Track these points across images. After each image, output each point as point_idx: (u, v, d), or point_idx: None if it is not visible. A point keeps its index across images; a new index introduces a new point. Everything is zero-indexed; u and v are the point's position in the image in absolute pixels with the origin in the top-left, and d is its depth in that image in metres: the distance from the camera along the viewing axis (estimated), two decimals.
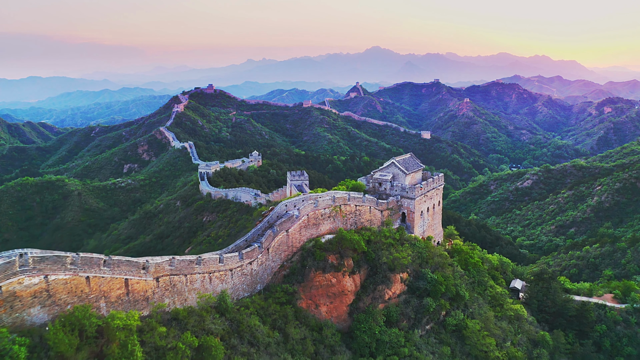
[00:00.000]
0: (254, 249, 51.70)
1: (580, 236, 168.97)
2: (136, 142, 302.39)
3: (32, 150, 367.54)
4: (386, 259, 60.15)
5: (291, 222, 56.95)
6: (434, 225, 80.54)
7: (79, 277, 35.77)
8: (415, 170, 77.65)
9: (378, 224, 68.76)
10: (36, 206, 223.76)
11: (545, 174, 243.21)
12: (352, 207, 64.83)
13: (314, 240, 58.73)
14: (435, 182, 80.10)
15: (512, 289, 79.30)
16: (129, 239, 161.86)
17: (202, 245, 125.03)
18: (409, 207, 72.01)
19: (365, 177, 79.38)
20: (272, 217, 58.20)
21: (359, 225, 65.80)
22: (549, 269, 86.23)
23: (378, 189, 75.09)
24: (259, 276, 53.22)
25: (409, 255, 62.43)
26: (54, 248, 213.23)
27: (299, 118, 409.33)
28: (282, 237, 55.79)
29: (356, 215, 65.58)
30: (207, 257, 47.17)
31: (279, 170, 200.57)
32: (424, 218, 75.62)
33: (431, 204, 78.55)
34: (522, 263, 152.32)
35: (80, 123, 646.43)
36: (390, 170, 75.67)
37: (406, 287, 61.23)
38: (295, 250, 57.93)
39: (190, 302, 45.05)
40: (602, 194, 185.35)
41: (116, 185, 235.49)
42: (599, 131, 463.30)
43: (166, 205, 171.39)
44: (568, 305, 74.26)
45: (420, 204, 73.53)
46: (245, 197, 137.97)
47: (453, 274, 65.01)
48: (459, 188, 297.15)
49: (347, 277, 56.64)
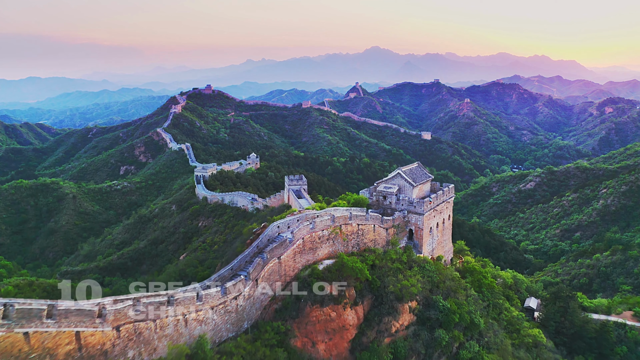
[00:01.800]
0: (239, 281, 44.44)
1: (587, 240, 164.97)
2: (133, 144, 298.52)
3: (28, 152, 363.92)
4: (393, 287, 53.79)
5: (284, 248, 49.86)
6: (444, 242, 73.96)
7: (15, 335, 29.35)
8: (424, 182, 71.40)
9: (383, 243, 61.95)
10: (30, 209, 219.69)
11: (549, 176, 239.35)
12: (353, 227, 57.82)
13: (311, 267, 51.97)
14: (446, 195, 72.84)
15: (526, 308, 74.35)
16: (123, 244, 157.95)
17: (197, 252, 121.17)
18: (416, 224, 65.21)
19: (367, 189, 72.04)
20: (262, 241, 50.96)
21: (361, 247, 59.00)
22: (565, 286, 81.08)
23: (382, 202, 68.04)
24: (245, 312, 45.84)
25: (418, 282, 56.15)
26: (47, 252, 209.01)
27: (298, 119, 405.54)
28: (274, 265, 48.79)
29: (358, 235, 58.66)
30: (182, 296, 39.70)
31: (277, 172, 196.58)
32: (433, 235, 69.12)
33: (441, 218, 71.70)
34: (527, 269, 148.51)
35: (79, 124, 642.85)
36: (396, 182, 69.05)
37: (415, 318, 55.00)
38: (288, 279, 50.84)
39: (160, 351, 37.51)
40: (608, 197, 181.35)
41: (112, 188, 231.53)
42: (600, 131, 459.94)
43: (161, 209, 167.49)
44: (587, 327, 69.60)
45: (430, 220, 66.91)
46: (242, 201, 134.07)
47: (467, 300, 59.41)
48: (460, 190, 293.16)
49: (348, 309, 50.35)
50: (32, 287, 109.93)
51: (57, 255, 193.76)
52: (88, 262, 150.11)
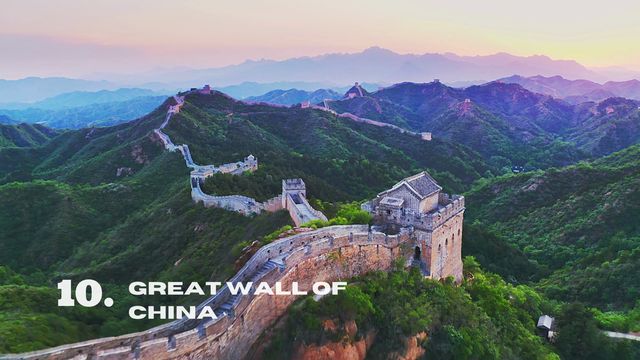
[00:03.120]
0: (221, 320, 38.12)
1: (592, 245, 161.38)
2: (130, 145, 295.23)
3: (25, 153, 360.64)
4: (400, 319, 47.95)
5: (274, 277, 43.27)
6: (453, 260, 67.84)
7: None
8: (431, 194, 64.81)
9: (387, 265, 56.32)
10: (25, 212, 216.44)
11: (551, 178, 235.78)
12: (354, 249, 51.74)
13: (305, 299, 45.57)
14: (455, 208, 66.38)
15: (540, 327, 69.93)
16: (117, 249, 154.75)
17: (193, 258, 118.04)
18: (424, 241, 59.12)
19: (370, 202, 65.83)
20: (249, 269, 44.39)
21: (363, 270, 53.07)
22: (581, 304, 76.68)
23: (386, 217, 61.88)
24: (229, 354, 39.41)
25: (428, 313, 50.12)
26: (42, 256, 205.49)
27: (297, 119, 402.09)
28: (262, 298, 41.98)
29: (360, 258, 52.67)
30: (150, 345, 33.22)
31: (276, 175, 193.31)
32: (441, 253, 62.89)
33: (450, 234, 65.21)
34: (532, 275, 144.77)
35: (78, 124, 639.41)
36: (401, 194, 62.37)
37: (424, 351, 49.29)
38: (279, 313, 44.18)
39: None
40: (613, 200, 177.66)
41: (108, 190, 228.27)
42: (601, 132, 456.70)
43: (157, 213, 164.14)
44: (606, 348, 65.60)
45: (438, 237, 60.74)
46: (239, 205, 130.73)
47: (480, 326, 54.31)
48: (461, 191, 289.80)
49: (348, 346, 44.08)
50: (22, 295, 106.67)
51: (51, 259, 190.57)
52: (81, 268, 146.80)
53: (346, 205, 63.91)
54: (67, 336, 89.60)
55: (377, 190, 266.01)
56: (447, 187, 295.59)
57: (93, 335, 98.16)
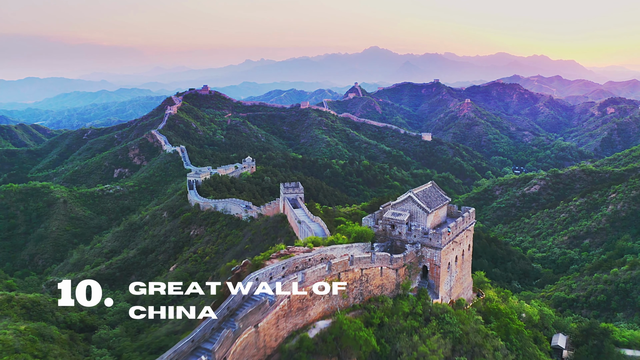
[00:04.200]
0: None
1: (596, 248, 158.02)
2: (127, 146, 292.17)
3: (22, 154, 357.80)
4: (407, 355, 42.69)
5: (262, 312, 36.95)
6: (463, 278, 62.69)
7: None
8: (439, 206, 59.25)
9: (392, 287, 51.09)
10: (20, 214, 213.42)
11: (553, 179, 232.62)
12: (356, 273, 46.13)
13: (299, 335, 39.59)
14: (466, 222, 60.77)
15: (554, 347, 65.87)
16: (112, 253, 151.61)
17: (188, 263, 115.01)
18: (432, 260, 53.89)
19: (372, 215, 59.89)
20: (234, 300, 37.35)
21: (365, 297, 47.41)
22: (598, 322, 72.72)
23: (390, 232, 56.23)
24: None
25: (439, 346, 44.76)
26: (37, 259, 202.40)
27: (296, 120, 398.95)
28: (249, 336, 35.77)
29: (362, 282, 47.10)
30: None
31: (274, 177, 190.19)
32: (451, 271, 57.75)
33: (460, 250, 59.78)
34: (537, 280, 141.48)
35: (77, 124, 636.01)
36: (407, 207, 56.68)
37: None
38: (269, 352, 38.12)
39: None
40: (618, 202, 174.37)
41: (104, 192, 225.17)
42: (602, 132, 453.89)
43: (152, 216, 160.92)
44: None
45: (448, 254, 55.61)
46: (236, 209, 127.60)
47: (494, 355, 49.72)
48: (462, 192, 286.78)
49: None
50: (11, 303, 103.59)
51: (46, 263, 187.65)
52: (75, 272, 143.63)
53: (347, 222, 57.89)
54: (57, 347, 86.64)
55: (377, 191, 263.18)
56: (448, 188, 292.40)
57: (84, 345, 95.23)
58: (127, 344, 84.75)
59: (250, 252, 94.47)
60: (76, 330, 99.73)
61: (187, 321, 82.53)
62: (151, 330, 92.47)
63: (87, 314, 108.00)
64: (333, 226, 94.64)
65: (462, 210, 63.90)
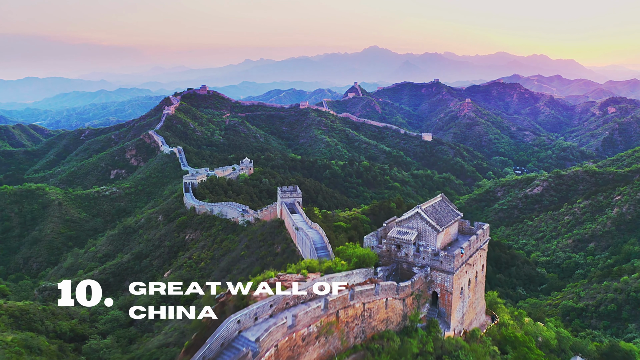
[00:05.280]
0: None
1: (602, 252, 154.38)
2: (124, 147, 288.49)
3: (19, 155, 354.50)
4: None
5: None
6: (476, 302, 56.71)
7: None
8: (450, 224, 53.09)
9: (398, 320, 44.84)
10: (14, 217, 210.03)
11: (556, 180, 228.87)
12: (357, 309, 39.30)
13: None
14: (480, 240, 54.91)
15: None
16: (106, 258, 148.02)
17: (183, 269, 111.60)
18: (443, 285, 47.95)
19: (375, 232, 53.02)
20: (211, 349, 29.80)
21: (368, 334, 40.88)
22: (619, 344, 68.60)
23: (395, 254, 50.08)
24: None
25: None
26: (31, 263, 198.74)
27: (296, 120, 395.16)
28: None
29: (364, 318, 40.12)
30: None
31: (272, 179, 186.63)
32: (463, 297, 51.71)
33: (473, 272, 53.94)
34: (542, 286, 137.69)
35: (76, 124, 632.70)
36: (414, 225, 50.50)
37: None
38: None
39: None
40: (623, 205, 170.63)
41: (100, 194, 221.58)
42: (603, 132, 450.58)
43: (147, 219, 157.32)
44: None
45: (461, 278, 49.64)
46: (232, 213, 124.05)
47: None
48: (463, 193, 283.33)
49: None
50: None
51: (41, 266, 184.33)
52: (68, 278, 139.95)
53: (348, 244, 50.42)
54: (45, 359, 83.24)
55: (377, 193, 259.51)
56: (449, 189, 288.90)
57: (74, 356, 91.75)
58: (117, 356, 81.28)
59: (246, 260, 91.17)
60: (66, 340, 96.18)
61: (179, 333, 79.27)
62: (143, 340, 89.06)
63: (78, 322, 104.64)
64: (332, 232, 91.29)
65: (475, 226, 57.59)
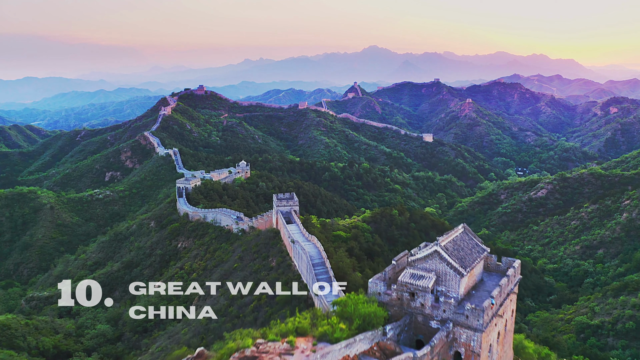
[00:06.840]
0: None
1: (612, 259, 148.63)
2: (119, 148, 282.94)
3: (14, 156, 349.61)
4: None
5: None
6: (504, 355, 42.76)
7: None
8: (476, 263, 39.56)
9: None
10: (5, 221, 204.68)
11: (561, 183, 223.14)
12: None
13: None
14: (511, 282, 41.12)
15: None
16: (96, 266, 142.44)
17: (174, 280, 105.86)
18: (469, 345, 35.34)
19: (381, 274, 39.61)
20: None
21: None
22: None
23: (408, 303, 37.37)
24: None
25: None
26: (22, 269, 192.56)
27: (294, 120, 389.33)
28: None
29: None
30: None
31: (269, 182, 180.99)
32: (492, 355, 38.22)
33: (502, 324, 40.21)
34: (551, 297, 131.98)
35: (74, 124, 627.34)
36: (432, 266, 37.59)
37: None
38: None
39: None
40: (633, 210, 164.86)
41: (93, 197, 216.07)
42: (605, 132, 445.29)
43: (139, 225, 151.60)
44: None
45: (490, 334, 36.68)
46: (226, 220, 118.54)
47: None
48: (465, 195, 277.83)
49: None
50: None
51: (31, 272, 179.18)
52: (56, 287, 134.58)
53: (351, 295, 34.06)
54: None
55: (378, 195, 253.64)
56: (450, 191, 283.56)
57: None
58: None
59: (239, 273, 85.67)
60: (49, 357, 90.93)
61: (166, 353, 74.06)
62: (130, 359, 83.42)
63: (63, 337, 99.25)
64: (331, 244, 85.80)
65: (503, 263, 44.35)
